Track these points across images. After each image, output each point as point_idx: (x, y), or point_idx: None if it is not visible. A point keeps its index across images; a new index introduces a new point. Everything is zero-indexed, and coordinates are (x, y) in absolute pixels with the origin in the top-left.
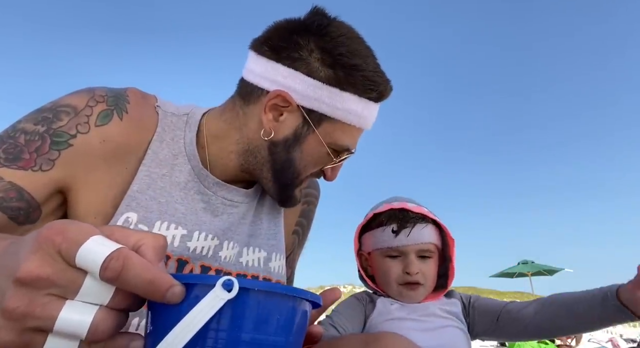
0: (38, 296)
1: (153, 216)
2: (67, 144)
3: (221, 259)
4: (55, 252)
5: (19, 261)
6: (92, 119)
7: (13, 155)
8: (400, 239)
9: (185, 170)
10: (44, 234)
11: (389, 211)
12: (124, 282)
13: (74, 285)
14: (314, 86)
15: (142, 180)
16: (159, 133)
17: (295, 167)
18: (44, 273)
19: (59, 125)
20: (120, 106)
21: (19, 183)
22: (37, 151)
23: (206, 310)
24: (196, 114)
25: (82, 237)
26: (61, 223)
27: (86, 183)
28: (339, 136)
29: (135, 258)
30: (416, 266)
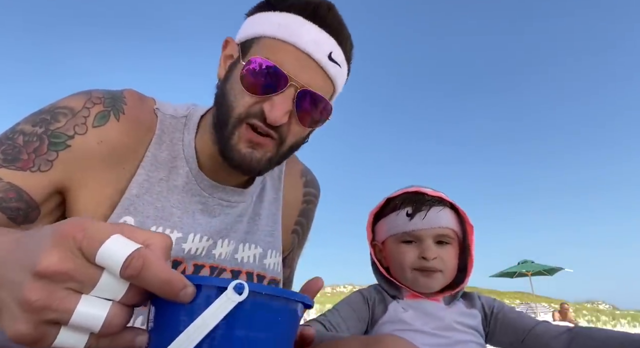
0: (56, 289)
1: (149, 221)
2: (64, 145)
3: (215, 257)
4: (76, 248)
5: (39, 254)
6: (89, 120)
7: (12, 156)
8: (416, 223)
9: (183, 173)
10: (65, 230)
11: (403, 195)
12: (142, 280)
13: (91, 281)
14: (247, 21)
15: (140, 184)
16: (158, 135)
17: (226, 101)
18: (64, 267)
19: (57, 127)
20: (117, 107)
21: (17, 183)
22: (36, 152)
23: (219, 312)
24: (194, 115)
25: (103, 235)
26: (82, 220)
27: (84, 184)
28: (259, 50)
29: (153, 258)
30: (434, 251)
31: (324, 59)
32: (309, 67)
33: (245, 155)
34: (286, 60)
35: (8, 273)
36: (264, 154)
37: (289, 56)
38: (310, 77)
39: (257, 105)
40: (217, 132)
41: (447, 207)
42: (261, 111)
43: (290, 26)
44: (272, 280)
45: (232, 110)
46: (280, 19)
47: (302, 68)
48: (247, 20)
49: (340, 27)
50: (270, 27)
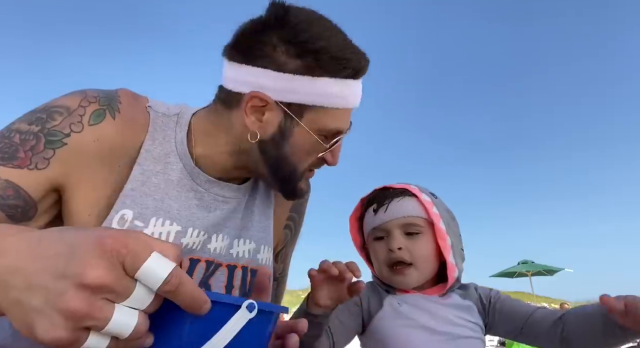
0: (96, 299)
1: (148, 212)
2: (61, 143)
3: (210, 251)
4: (119, 262)
5: (83, 266)
6: (85, 119)
7: (8, 154)
8: (380, 216)
9: (177, 169)
10: (110, 244)
11: (371, 192)
12: (175, 295)
13: (127, 293)
14: (285, 80)
15: (136, 178)
16: (151, 133)
17: (289, 161)
18: (108, 281)
19: (53, 125)
20: (112, 106)
21: (15, 181)
22: (32, 150)
23: (235, 327)
24: (186, 113)
25: (145, 252)
26: (124, 234)
27: (81, 182)
28: (325, 122)
29: (186, 277)
30: (399, 241)
31: None
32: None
33: (303, 190)
34: (345, 122)
35: (37, 278)
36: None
37: (346, 118)
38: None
39: (318, 159)
40: (279, 183)
41: (412, 197)
42: (322, 161)
43: (345, 94)
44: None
45: (297, 170)
46: (335, 89)
47: (350, 117)
48: (282, 77)
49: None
50: (329, 99)
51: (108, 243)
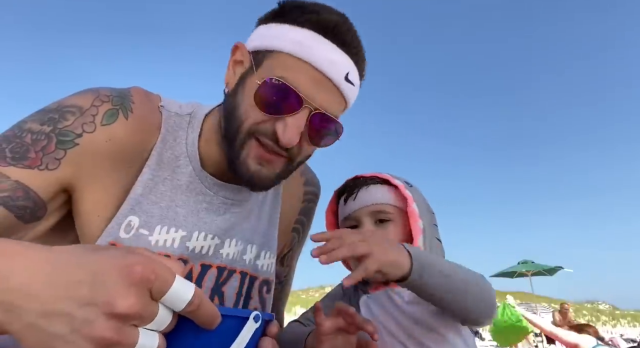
0: (125, 326)
1: (154, 221)
2: (73, 143)
3: (222, 257)
4: (147, 289)
5: (112, 295)
6: (97, 118)
7: (19, 154)
8: (349, 205)
9: (187, 172)
10: (139, 272)
11: (344, 183)
12: (195, 314)
13: (152, 317)
14: (260, 29)
15: (145, 183)
16: (163, 134)
17: (237, 114)
18: (138, 309)
19: (65, 125)
20: (125, 106)
21: (25, 182)
22: (43, 150)
23: (246, 338)
24: (199, 113)
25: (171, 277)
26: (150, 261)
27: (91, 182)
28: (276, 69)
29: (204, 296)
30: (367, 229)
31: (340, 80)
32: (325, 88)
33: (254, 172)
34: (302, 81)
35: (58, 305)
36: (273, 171)
37: (305, 76)
38: (325, 99)
39: (268, 123)
40: (226, 145)
41: (380, 183)
42: (273, 130)
43: (308, 44)
44: (264, 280)
45: (242, 125)
46: (298, 36)
47: (318, 89)
48: (261, 28)
49: (359, 47)
50: (287, 43)
51: (138, 271)
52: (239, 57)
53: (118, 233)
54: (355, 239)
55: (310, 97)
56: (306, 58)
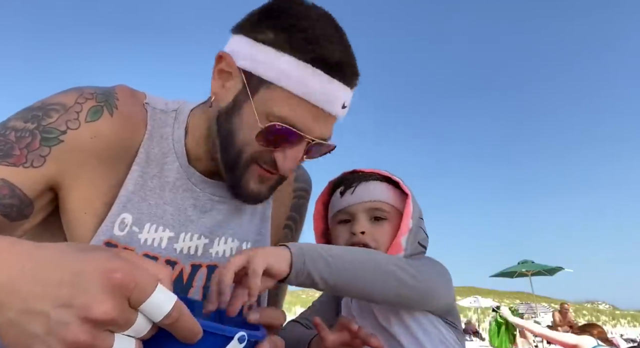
0: (100, 332)
1: (144, 218)
2: (57, 140)
3: (212, 255)
4: (125, 296)
5: (89, 300)
6: (82, 115)
7: (3, 152)
8: (346, 199)
9: (174, 168)
10: (119, 279)
11: (340, 175)
12: (174, 327)
13: (128, 324)
14: (253, 47)
15: (135, 180)
16: (149, 131)
17: (236, 140)
18: (114, 315)
19: (49, 122)
20: (109, 102)
21: (10, 180)
22: (28, 147)
23: None
24: (184, 109)
25: (151, 286)
26: (132, 267)
27: (77, 179)
28: (276, 105)
29: (185, 309)
30: (362, 225)
31: (337, 110)
32: (322, 120)
33: (254, 191)
34: (301, 118)
35: (37, 303)
36: (269, 186)
37: (304, 113)
38: (322, 130)
39: (268, 153)
40: (226, 170)
41: (380, 181)
42: (272, 159)
43: (309, 84)
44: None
45: (242, 154)
46: (297, 72)
47: (316, 122)
48: (250, 44)
49: (356, 76)
50: (286, 79)
51: (117, 278)
52: (226, 68)
53: (112, 231)
54: (231, 260)
55: (309, 132)
56: (306, 97)
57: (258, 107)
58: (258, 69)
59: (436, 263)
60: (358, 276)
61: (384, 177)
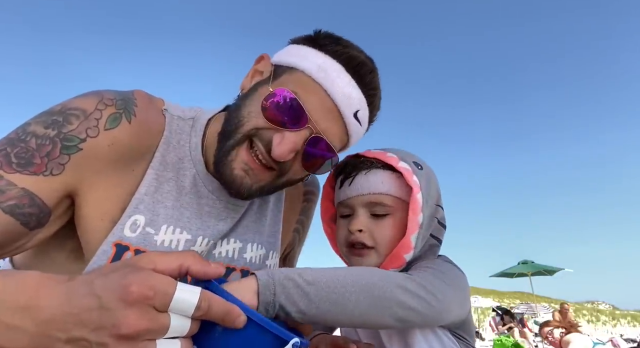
0: (137, 344)
1: (160, 220)
2: (76, 148)
3: (215, 256)
4: (149, 305)
5: (116, 318)
6: (101, 123)
7: (25, 160)
8: (344, 190)
9: (190, 175)
10: (135, 293)
11: (343, 160)
12: (209, 315)
13: (164, 328)
14: (291, 47)
15: (149, 183)
16: (166, 136)
17: (241, 112)
18: (142, 326)
19: (69, 129)
20: (128, 109)
21: (31, 189)
22: (48, 156)
23: None
24: (202, 118)
25: (171, 287)
26: (146, 277)
27: (94, 186)
28: (291, 83)
29: (213, 296)
30: (360, 222)
31: (349, 115)
32: (332, 117)
33: (237, 177)
34: (313, 102)
35: (76, 331)
36: (257, 182)
37: (316, 98)
38: (329, 127)
39: (267, 131)
40: (220, 140)
41: (381, 169)
42: (269, 140)
43: (328, 71)
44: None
45: (242, 125)
46: (321, 61)
47: (325, 115)
48: (289, 47)
49: (376, 91)
50: (309, 64)
51: (134, 292)
52: (261, 68)
53: (122, 232)
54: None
55: (315, 120)
56: (323, 83)
57: (275, 86)
58: (286, 59)
59: (451, 270)
60: (346, 305)
61: (387, 165)
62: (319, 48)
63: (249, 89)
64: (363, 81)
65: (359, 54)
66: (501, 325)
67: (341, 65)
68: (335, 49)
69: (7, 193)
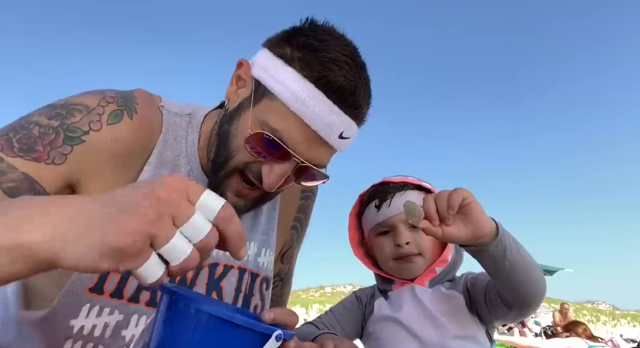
0: (164, 214)
1: None
2: (79, 140)
3: (212, 255)
4: (184, 192)
5: (153, 184)
6: (103, 118)
7: (27, 146)
8: (384, 212)
9: (185, 172)
10: (172, 178)
11: (370, 188)
12: (227, 226)
13: (187, 216)
14: (268, 59)
15: (147, 180)
16: (164, 133)
17: (229, 144)
18: (177, 194)
19: (73, 121)
20: (129, 107)
21: (32, 175)
22: (51, 144)
23: None
24: (198, 114)
25: (201, 188)
26: (179, 177)
27: (94, 181)
28: (271, 115)
29: (235, 215)
30: (405, 236)
31: (333, 139)
32: (315, 145)
33: (230, 203)
34: (293, 136)
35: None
36: (251, 201)
37: (297, 132)
38: (315, 154)
39: (255, 165)
40: (212, 169)
41: (412, 189)
42: (258, 171)
43: (306, 101)
44: (265, 277)
45: (230, 159)
46: (299, 89)
47: (308, 145)
48: (267, 55)
49: (361, 109)
50: (287, 94)
51: (169, 178)
52: (243, 76)
53: None
54: (444, 194)
55: (299, 153)
56: (302, 115)
57: (255, 115)
58: (266, 78)
59: None
60: (527, 276)
61: (416, 186)
62: (298, 69)
63: (234, 108)
64: (345, 104)
65: (340, 71)
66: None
67: (320, 91)
68: (312, 69)
69: (8, 175)
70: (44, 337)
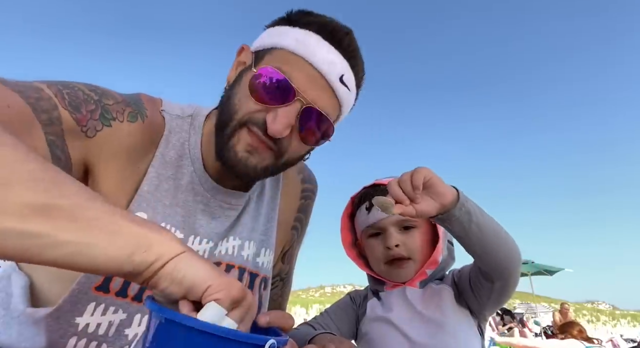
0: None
1: (158, 217)
2: (109, 123)
3: (215, 255)
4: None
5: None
6: (125, 114)
7: (75, 103)
8: (374, 214)
9: (188, 173)
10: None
11: (361, 190)
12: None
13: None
14: (266, 32)
15: (151, 181)
16: (166, 135)
17: (232, 102)
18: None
19: (106, 103)
20: (141, 111)
21: (66, 137)
22: (92, 114)
23: None
24: (200, 115)
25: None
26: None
27: (106, 171)
28: (274, 63)
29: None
30: (395, 238)
31: (335, 80)
32: (319, 85)
33: (242, 159)
34: (297, 74)
35: None
36: (261, 161)
37: (300, 71)
38: (318, 95)
39: (260, 113)
40: (217, 133)
41: None
42: (263, 120)
43: (306, 42)
44: (264, 278)
45: (234, 113)
46: (297, 35)
47: (312, 85)
48: (266, 31)
49: (355, 53)
50: (286, 40)
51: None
52: (243, 58)
53: None
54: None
55: (303, 91)
56: (303, 55)
57: (258, 68)
58: (264, 42)
59: None
60: (495, 238)
61: None
62: (294, 24)
63: (234, 79)
64: (341, 45)
65: (331, 20)
66: (501, 325)
67: (316, 34)
68: (307, 20)
69: (54, 127)
70: (49, 333)
